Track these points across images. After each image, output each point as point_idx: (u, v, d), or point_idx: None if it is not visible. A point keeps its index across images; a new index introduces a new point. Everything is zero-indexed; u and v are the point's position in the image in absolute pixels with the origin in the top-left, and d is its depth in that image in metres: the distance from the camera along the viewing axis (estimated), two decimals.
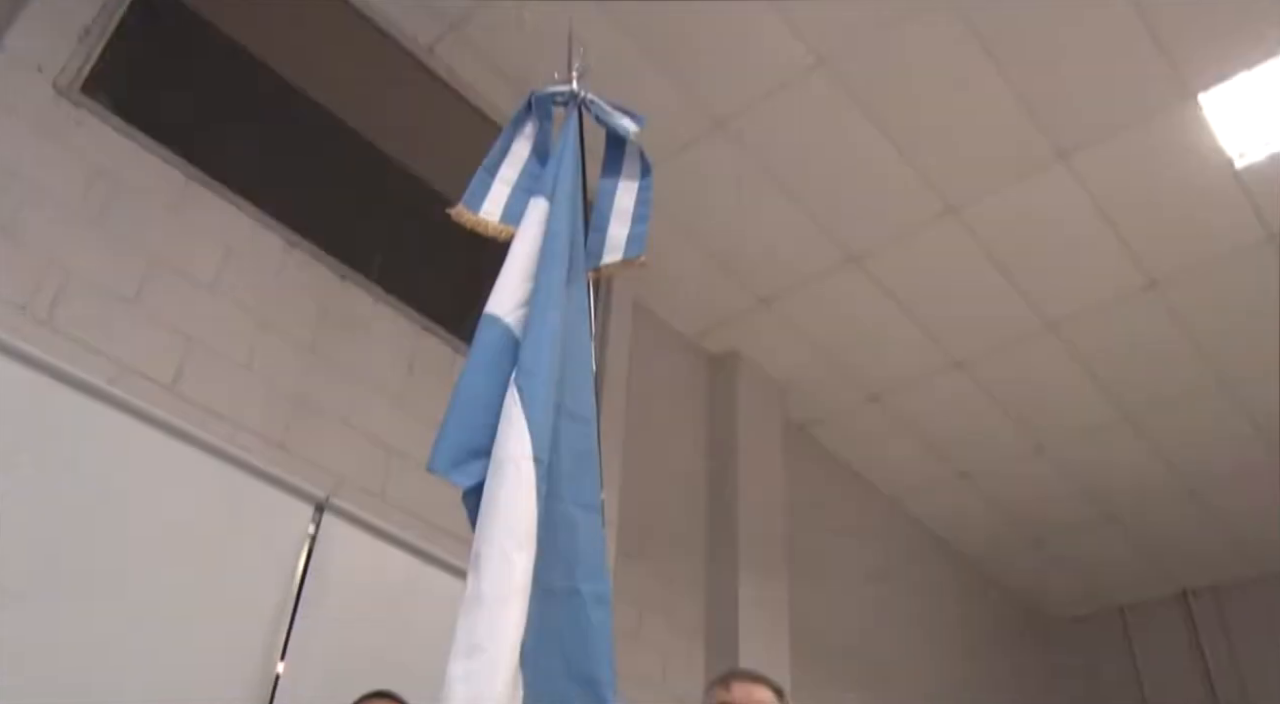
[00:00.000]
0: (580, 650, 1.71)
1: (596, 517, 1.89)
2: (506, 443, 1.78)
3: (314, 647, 2.92)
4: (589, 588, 1.77)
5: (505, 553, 1.65)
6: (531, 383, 1.86)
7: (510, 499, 1.71)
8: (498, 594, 1.61)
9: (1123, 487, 5.99)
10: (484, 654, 1.54)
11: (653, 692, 4.04)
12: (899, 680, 5.44)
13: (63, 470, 2.62)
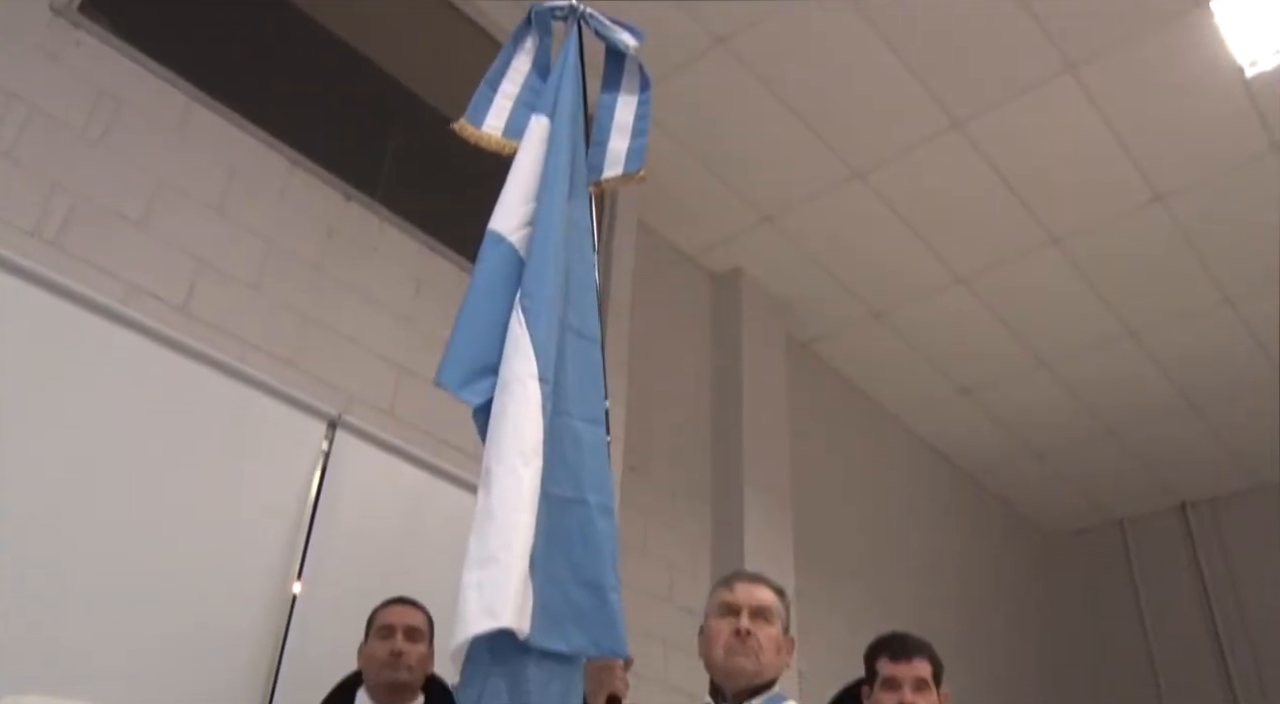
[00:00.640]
0: (587, 557, 1.78)
1: (601, 430, 1.95)
2: (512, 363, 1.83)
3: (329, 566, 3.01)
4: (595, 498, 1.84)
5: (514, 469, 1.71)
6: (535, 304, 1.90)
7: (517, 417, 1.76)
8: (507, 507, 1.67)
9: (1124, 401, 6.04)
10: (497, 564, 1.60)
11: (660, 603, 4.15)
12: (900, 592, 5.57)
13: (77, 391, 2.68)
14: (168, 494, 2.76)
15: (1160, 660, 6.57)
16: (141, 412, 2.79)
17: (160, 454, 2.79)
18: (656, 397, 4.60)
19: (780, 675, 1.94)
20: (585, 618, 1.73)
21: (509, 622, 1.57)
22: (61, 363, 2.68)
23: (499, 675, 1.62)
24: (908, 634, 2.36)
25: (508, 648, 1.63)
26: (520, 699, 1.63)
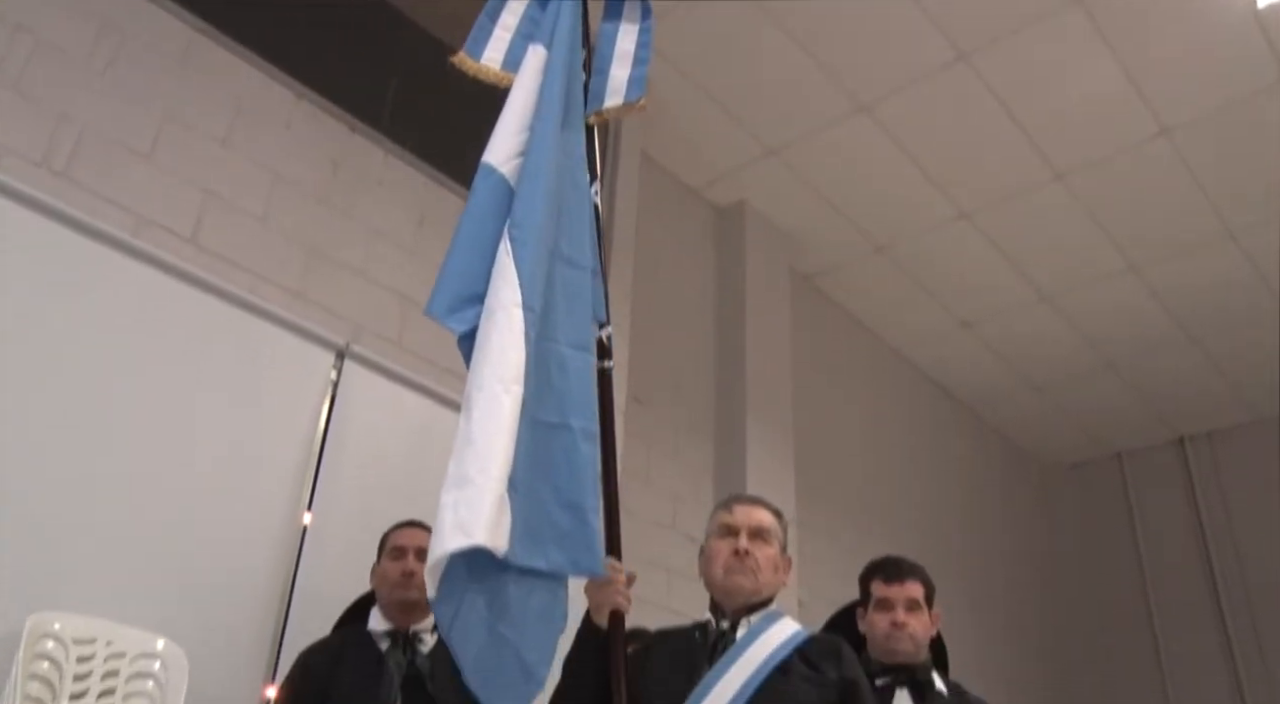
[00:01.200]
0: (570, 480, 1.85)
1: (589, 357, 2.00)
2: (498, 292, 1.87)
3: (339, 495, 3.07)
4: (579, 424, 1.90)
5: (495, 395, 1.75)
6: (523, 233, 1.93)
7: (501, 344, 1.81)
8: (487, 432, 1.72)
9: (1124, 335, 6.08)
10: (473, 485, 1.66)
11: (664, 531, 4.24)
12: (899, 523, 5.67)
13: (89, 322, 2.72)
14: (180, 423, 2.82)
15: (1154, 592, 6.70)
16: (153, 342, 2.84)
17: (172, 384, 2.84)
18: (660, 329, 4.64)
19: (777, 594, 2.01)
20: (565, 538, 1.80)
21: (481, 539, 1.62)
22: (73, 294, 2.72)
23: (476, 592, 1.69)
24: (901, 557, 2.44)
25: (487, 566, 1.70)
26: (499, 614, 1.71)
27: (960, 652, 5.29)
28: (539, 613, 1.78)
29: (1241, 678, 6.11)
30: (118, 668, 2.48)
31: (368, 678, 2.18)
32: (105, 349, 2.73)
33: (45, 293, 2.66)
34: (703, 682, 1.80)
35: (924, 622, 2.35)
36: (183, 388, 2.86)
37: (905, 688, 2.27)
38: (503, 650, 1.71)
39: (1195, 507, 6.77)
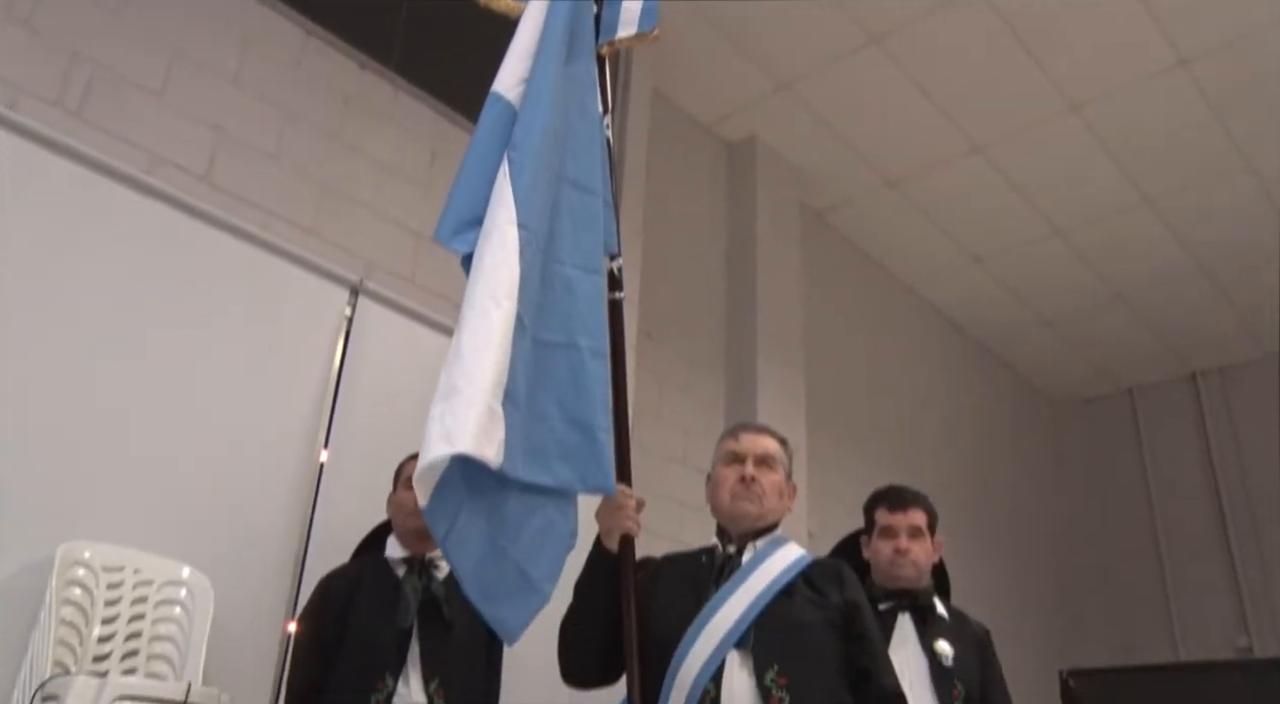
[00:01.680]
0: (577, 398, 1.88)
1: (597, 279, 2.02)
2: (495, 212, 1.89)
3: (354, 432, 3.13)
4: (586, 342, 1.93)
5: (485, 310, 1.77)
6: (520, 155, 1.94)
7: (493, 263, 1.82)
8: (474, 346, 1.73)
9: (1137, 269, 6.06)
10: (459, 395, 1.68)
11: (675, 465, 4.30)
12: (909, 457, 5.72)
13: (104, 259, 2.76)
14: (197, 360, 2.87)
15: (1162, 524, 6.76)
16: (169, 280, 2.88)
17: (189, 321, 2.89)
18: (671, 265, 4.66)
19: (782, 519, 2.07)
20: (573, 455, 1.84)
21: (467, 447, 1.63)
22: (90, 232, 2.76)
23: (475, 506, 1.72)
24: (905, 486, 2.49)
25: (486, 481, 1.72)
26: (499, 528, 1.75)
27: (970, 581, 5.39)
28: (544, 529, 1.81)
29: (1246, 608, 6.20)
30: (146, 595, 2.57)
31: (385, 602, 2.26)
32: (122, 287, 2.77)
33: (62, 231, 2.70)
34: (710, 603, 1.86)
35: (926, 548, 2.40)
36: (199, 324, 2.91)
37: (907, 612, 2.34)
38: (503, 564, 1.75)
39: (1205, 441, 6.80)
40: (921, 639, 2.29)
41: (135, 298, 2.79)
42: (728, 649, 1.79)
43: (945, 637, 2.31)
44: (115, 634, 2.48)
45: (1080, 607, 6.79)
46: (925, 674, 2.23)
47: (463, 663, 2.27)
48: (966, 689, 2.24)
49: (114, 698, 2.09)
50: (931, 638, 2.29)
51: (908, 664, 2.24)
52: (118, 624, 2.50)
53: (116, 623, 2.50)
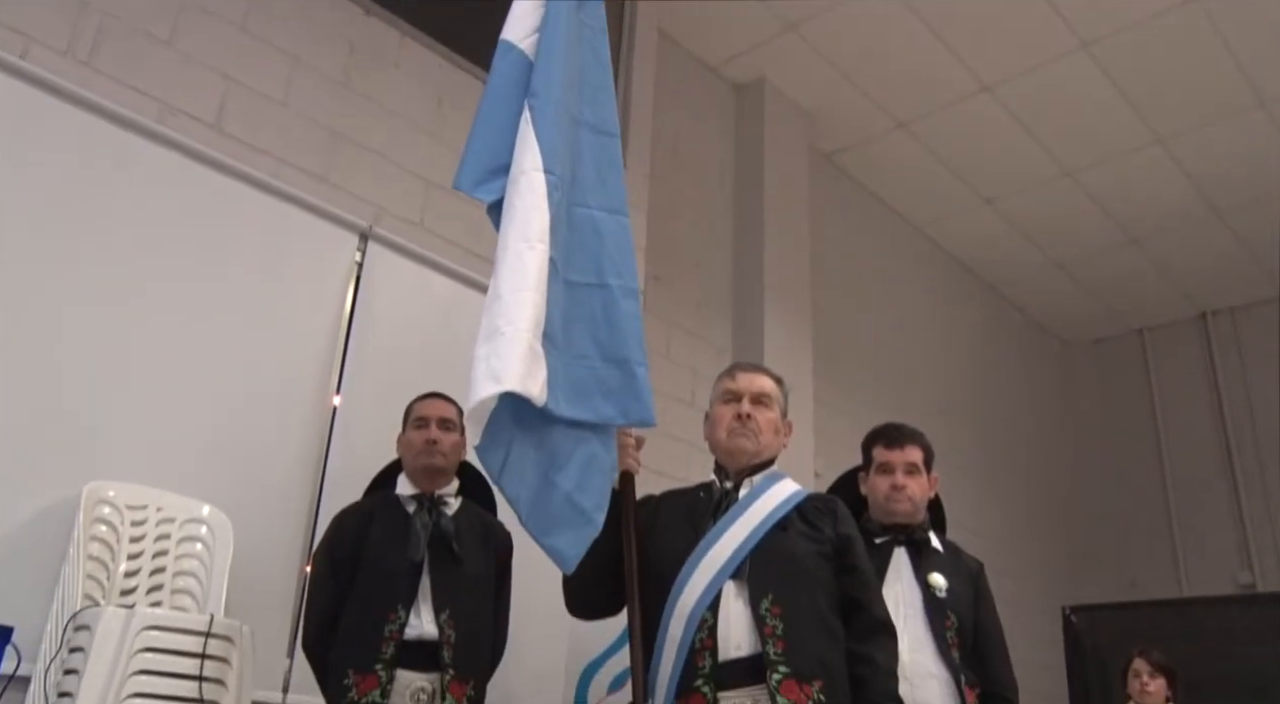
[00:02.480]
0: (611, 336, 1.96)
1: (624, 219, 2.09)
2: (520, 159, 1.96)
3: (365, 378, 3.21)
4: (616, 282, 2.01)
5: (519, 254, 1.85)
6: (540, 102, 2.01)
7: (523, 207, 1.90)
8: (512, 288, 1.82)
9: (1149, 209, 6.03)
10: (502, 337, 1.76)
11: (683, 407, 4.36)
12: (918, 399, 5.76)
13: (118, 208, 2.82)
14: (210, 307, 2.94)
15: (1170, 465, 6.81)
16: (181, 227, 2.94)
17: (201, 268, 2.95)
18: (679, 208, 4.68)
19: (778, 455, 2.13)
20: (613, 391, 1.93)
21: (513, 385, 1.72)
22: (101, 181, 2.81)
23: (525, 442, 1.81)
24: (902, 424, 2.54)
25: (533, 418, 1.81)
26: (549, 461, 1.84)
27: (977, 520, 5.48)
28: (589, 461, 1.89)
29: (1250, 546, 6.27)
30: (168, 532, 2.67)
31: (397, 537, 2.34)
32: (136, 235, 2.83)
33: (75, 180, 2.75)
34: (707, 536, 1.92)
35: (922, 484, 2.46)
36: (211, 271, 2.97)
37: (903, 546, 2.39)
38: (555, 496, 1.83)
39: (1214, 381, 6.83)
40: (916, 572, 2.35)
41: (149, 245, 2.85)
42: (724, 580, 1.87)
43: (940, 570, 2.37)
44: (140, 569, 2.59)
45: (1087, 545, 6.88)
46: (920, 606, 2.30)
47: (472, 595, 2.36)
48: (960, 620, 2.31)
49: (141, 628, 2.19)
50: (926, 571, 2.35)
51: (903, 596, 2.31)
52: (142, 560, 2.60)
53: (141, 559, 2.60)
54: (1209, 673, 4.55)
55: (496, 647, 2.49)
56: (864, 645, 1.87)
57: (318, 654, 2.35)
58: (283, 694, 2.81)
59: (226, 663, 2.28)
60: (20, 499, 2.49)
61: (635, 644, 1.89)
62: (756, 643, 1.80)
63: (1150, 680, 3.68)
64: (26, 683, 2.27)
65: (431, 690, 2.24)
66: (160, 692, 2.18)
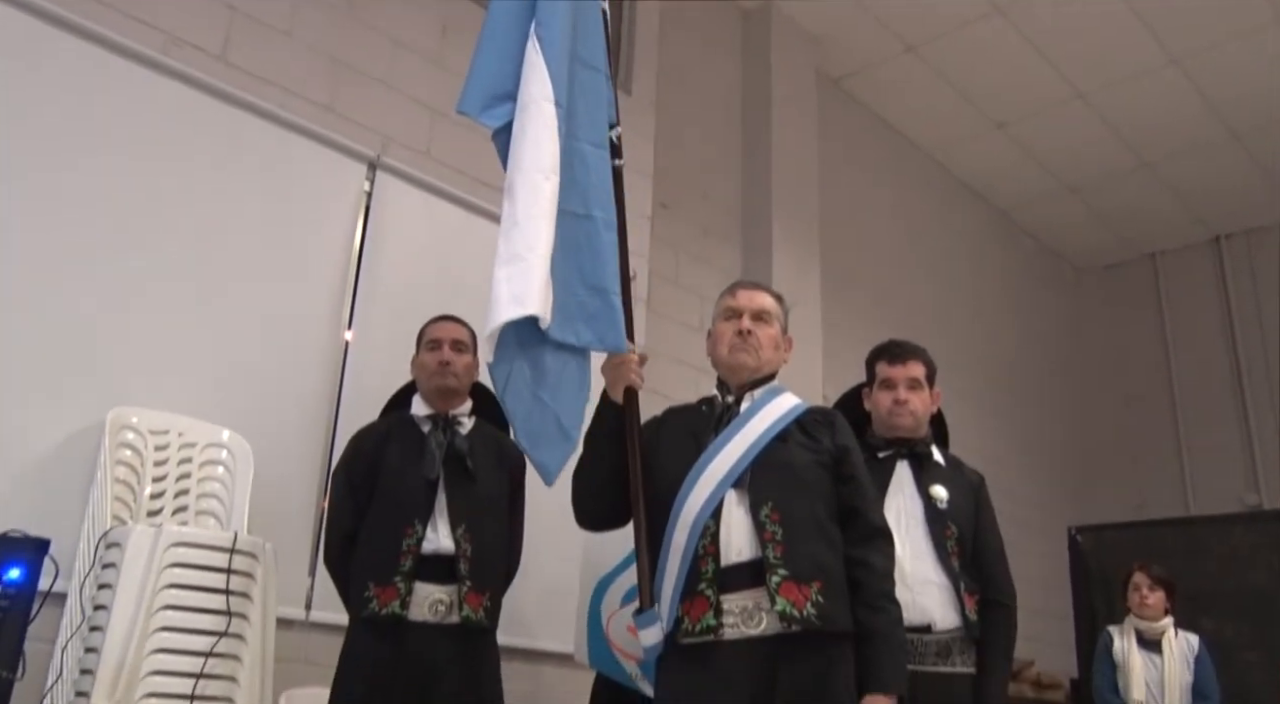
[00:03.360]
0: (594, 265, 2.04)
1: (605, 154, 2.14)
2: (529, 87, 2.00)
3: (377, 304, 3.26)
4: (600, 214, 2.08)
5: (535, 182, 1.92)
6: (549, 33, 2.05)
7: (536, 136, 1.96)
8: (530, 214, 1.90)
9: (1163, 132, 5.98)
10: (523, 261, 1.85)
11: (691, 332, 4.41)
12: (929, 325, 5.76)
13: (125, 140, 2.86)
14: (222, 238, 3.00)
15: (1180, 388, 6.85)
16: (190, 159, 2.98)
17: (210, 200, 3.00)
18: (686, 135, 4.68)
19: (778, 371, 2.17)
20: (593, 318, 2.01)
21: (535, 309, 1.82)
22: (109, 113, 2.84)
23: (523, 359, 1.92)
24: (904, 340, 2.58)
25: (531, 337, 1.91)
26: (539, 381, 1.94)
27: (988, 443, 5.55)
28: (571, 383, 2.00)
29: (1258, 468, 6.32)
30: (190, 455, 2.76)
31: (413, 455, 2.41)
32: (144, 166, 2.88)
33: (83, 112, 2.79)
34: (710, 448, 1.98)
35: (924, 399, 2.50)
36: (221, 203, 3.02)
37: (905, 460, 2.45)
38: (544, 413, 1.95)
39: (1226, 304, 6.82)
40: (918, 484, 2.41)
41: (157, 177, 2.90)
42: (726, 489, 1.92)
43: (941, 482, 2.42)
44: (165, 491, 2.69)
45: (1096, 468, 6.95)
46: (920, 517, 2.36)
47: (486, 510, 2.44)
48: (960, 531, 2.37)
49: (169, 544, 2.29)
50: (927, 483, 2.41)
51: (904, 508, 2.38)
52: (167, 482, 2.70)
53: (165, 481, 2.70)
54: (1210, 588, 4.64)
55: (511, 561, 2.58)
56: (861, 550, 1.94)
57: (339, 569, 2.44)
58: (305, 611, 2.93)
59: (251, 578, 2.39)
60: (48, 425, 2.58)
61: (641, 551, 1.96)
62: (757, 548, 1.87)
63: (1149, 593, 3.76)
64: (63, 599, 2.38)
65: (449, 602, 2.33)
66: (190, 604, 2.29)
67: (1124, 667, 3.71)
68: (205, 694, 2.26)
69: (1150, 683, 3.66)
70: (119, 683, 2.15)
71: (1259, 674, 4.34)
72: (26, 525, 2.15)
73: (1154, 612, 3.76)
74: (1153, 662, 3.70)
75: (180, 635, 2.26)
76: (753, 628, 1.84)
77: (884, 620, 1.90)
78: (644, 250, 4.09)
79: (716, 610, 1.85)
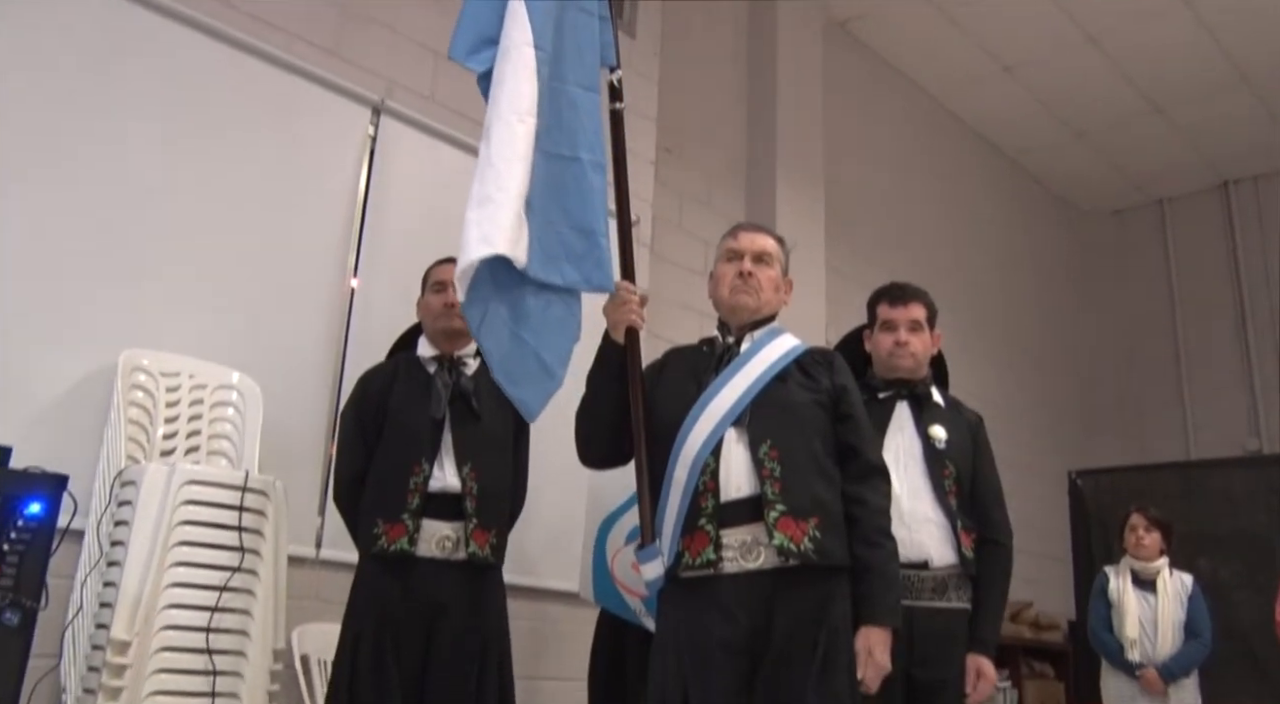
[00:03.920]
0: (580, 207, 2.07)
1: (595, 97, 2.16)
2: (510, 32, 2.04)
3: (382, 249, 3.29)
4: (588, 156, 2.10)
5: (510, 124, 1.96)
6: None
7: (514, 80, 2.00)
8: (503, 157, 1.94)
9: (1174, 77, 5.91)
10: (493, 203, 1.89)
11: (695, 277, 4.43)
12: (934, 269, 5.73)
13: (132, 86, 2.87)
14: (228, 183, 3.02)
15: (1184, 334, 6.87)
16: (196, 104, 2.99)
17: (217, 144, 3.01)
18: (690, 79, 4.66)
19: (778, 312, 2.21)
20: (578, 258, 2.05)
21: (503, 249, 1.86)
22: (116, 59, 2.85)
23: (500, 301, 1.96)
24: (906, 283, 2.60)
25: (509, 279, 1.95)
26: (520, 320, 1.98)
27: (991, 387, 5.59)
28: (556, 322, 2.03)
29: (1260, 413, 6.36)
30: (201, 397, 2.81)
31: (419, 395, 2.46)
32: (151, 112, 2.89)
33: (91, 63, 2.80)
34: (710, 387, 2.01)
35: (925, 341, 2.53)
36: (227, 148, 3.03)
37: (905, 400, 2.49)
38: (524, 351, 1.98)
39: (1233, 249, 6.81)
40: (917, 424, 2.45)
41: (164, 122, 2.91)
42: (726, 427, 1.96)
43: (940, 422, 2.47)
44: (177, 432, 2.74)
45: (1099, 413, 6.99)
46: (919, 456, 2.40)
47: (492, 449, 2.49)
48: (958, 469, 2.41)
49: (183, 482, 2.35)
50: (927, 423, 2.45)
51: (903, 447, 2.42)
52: (179, 423, 2.75)
53: (178, 422, 2.75)
54: (1207, 531, 4.71)
55: (516, 499, 2.63)
56: (858, 487, 1.98)
57: (348, 507, 2.50)
58: (316, 549, 3.00)
59: (263, 515, 2.45)
60: (63, 368, 2.63)
61: (643, 488, 2.01)
62: (755, 484, 1.91)
63: (1146, 534, 3.82)
64: (80, 536, 2.44)
65: (456, 538, 2.39)
66: (204, 540, 2.35)
67: (1118, 605, 3.78)
68: (221, 627, 2.33)
69: (1144, 620, 3.73)
70: (137, 615, 2.22)
71: (1250, 613, 4.42)
72: (44, 464, 2.21)
73: (1149, 552, 3.82)
74: (1147, 600, 3.77)
75: (195, 571, 2.32)
76: (751, 562, 1.89)
77: (879, 556, 1.95)
78: (647, 195, 4.10)
79: (716, 545, 1.90)
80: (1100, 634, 3.83)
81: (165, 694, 2.24)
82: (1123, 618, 3.74)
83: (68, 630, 2.38)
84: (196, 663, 2.28)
